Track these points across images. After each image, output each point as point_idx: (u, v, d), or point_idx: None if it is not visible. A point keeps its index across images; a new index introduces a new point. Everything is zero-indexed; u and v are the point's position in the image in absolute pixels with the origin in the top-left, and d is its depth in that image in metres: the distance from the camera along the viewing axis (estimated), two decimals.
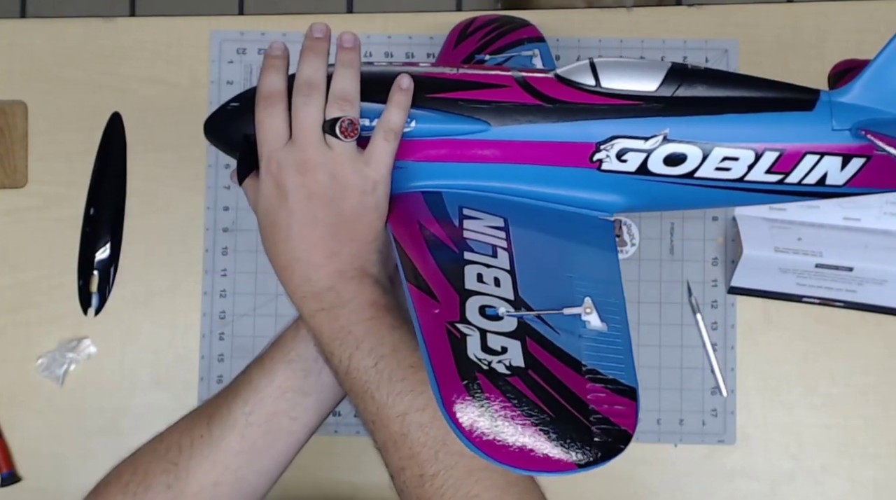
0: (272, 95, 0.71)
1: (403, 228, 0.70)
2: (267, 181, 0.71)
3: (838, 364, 0.98)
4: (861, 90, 0.71)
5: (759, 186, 0.73)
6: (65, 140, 1.01)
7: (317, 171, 0.70)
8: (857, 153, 0.72)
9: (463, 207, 0.71)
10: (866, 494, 0.97)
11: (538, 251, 0.70)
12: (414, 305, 0.65)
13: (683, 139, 0.71)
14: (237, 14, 1.73)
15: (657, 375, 0.98)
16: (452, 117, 0.72)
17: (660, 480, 0.98)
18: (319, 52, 0.72)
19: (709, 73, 0.73)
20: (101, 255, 1.00)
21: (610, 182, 0.73)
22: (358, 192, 0.70)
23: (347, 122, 0.69)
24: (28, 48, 1.02)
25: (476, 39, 0.92)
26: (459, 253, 0.67)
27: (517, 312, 0.64)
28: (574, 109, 0.72)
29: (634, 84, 0.72)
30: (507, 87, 0.73)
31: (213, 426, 0.76)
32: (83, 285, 1.00)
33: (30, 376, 0.99)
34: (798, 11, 1.03)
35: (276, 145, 0.70)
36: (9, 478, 0.97)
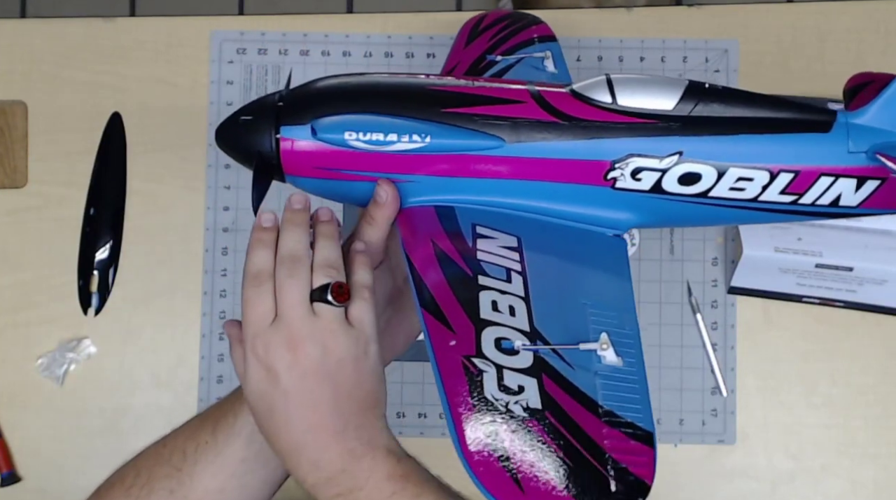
0: (261, 274, 0.68)
1: (416, 246, 0.69)
2: (254, 366, 0.67)
3: (838, 364, 0.98)
4: (878, 112, 0.71)
5: (773, 206, 0.73)
6: (65, 140, 1.01)
7: (307, 345, 0.66)
8: (872, 176, 0.71)
9: (476, 224, 0.70)
10: (866, 494, 0.97)
11: (552, 275, 0.69)
12: (429, 334, 0.64)
13: (699, 159, 0.71)
14: (237, 14, 1.73)
15: (657, 375, 0.98)
16: (467, 133, 0.71)
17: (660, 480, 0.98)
18: (299, 224, 0.69)
19: (726, 91, 0.73)
20: (101, 255, 1.00)
21: (624, 200, 0.73)
22: (352, 359, 0.67)
23: (338, 285, 0.67)
24: (28, 48, 1.02)
25: (487, 38, 0.91)
26: (474, 277, 0.66)
27: (533, 345, 0.64)
28: (589, 126, 0.71)
29: (651, 102, 0.71)
30: (522, 102, 0.72)
31: (219, 432, 0.74)
32: (83, 285, 1.00)
33: (30, 376, 0.99)
34: (798, 11, 1.03)
35: (261, 326, 0.67)
36: (9, 478, 0.97)
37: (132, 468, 0.77)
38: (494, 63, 0.87)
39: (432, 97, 0.72)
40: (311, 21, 1.03)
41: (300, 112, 0.71)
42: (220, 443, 0.74)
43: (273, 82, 1.02)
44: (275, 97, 0.72)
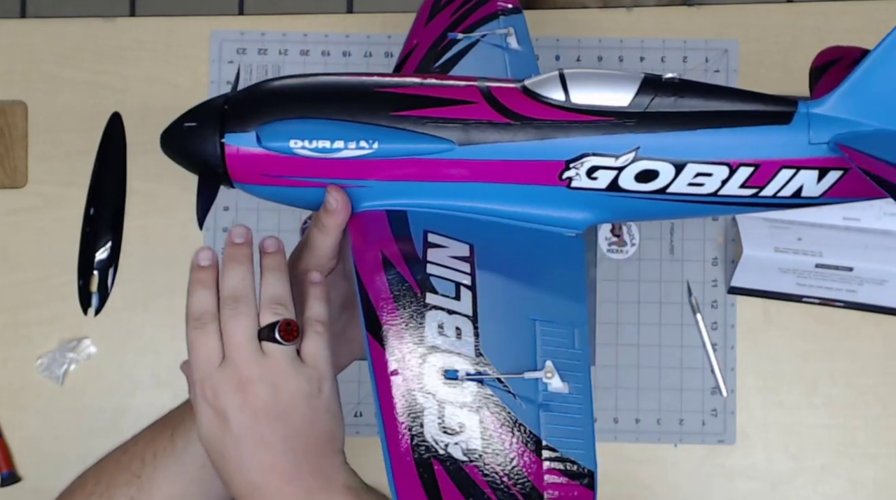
0: (203, 315, 0.66)
1: (365, 259, 0.67)
2: (204, 410, 0.66)
3: (838, 364, 0.98)
4: (839, 101, 0.69)
5: (733, 199, 0.71)
6: (65, 140, 1.01)
7: (256, 385, 0.64)
8: (835, 166, 0.70)
9: (428, 231, 0.69)
10: (866, 494, 0.97)
11: (503, 288, 0.67)
12: (373, 361, 0.62)
13: (655, 156, 0.69)
14: (237, 14, 1.73)
15: (657, 375, 0.98)
16: (416, 137, 0.69)
17: (660, 480, 0.98)
18: (241, 260, 0.68)
19: (683, 85, 0.71)
20: (101, 255, 1.00)
21: (580, 199, 0.71)
22: (304, 397, 0.66)
23: (286, 323, 0.65)
24: (28, 48, 1.02)
25: (448, 13, 0.88)
26: (422, 295, 0.64)
27: (477, 374, 0.62)
28: (542, 125, 0.69)
29: (605, 98, 0.69)
30: (472, 103, 0.70)
31: (177, 438, 0.73)
32: (83, 285, 1.00)
33: (30, 376, 0.99)
34: (798, 11, 1.03)
35: (209, 369, 0.65)
36: (9, 478, 0.97)
37: (93, 475, 0.76)
38: (455, 42, 0.85)
39: (380, 100, 0.70)
40: (311, 21, 1.03)
41: (245, 117, 0.69)
42: (178, 449, 0.73)
43: None
44: (220, 101, 0.71)
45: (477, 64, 0.83)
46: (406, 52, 0.86)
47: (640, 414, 0.98)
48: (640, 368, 0.98)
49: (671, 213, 0.74)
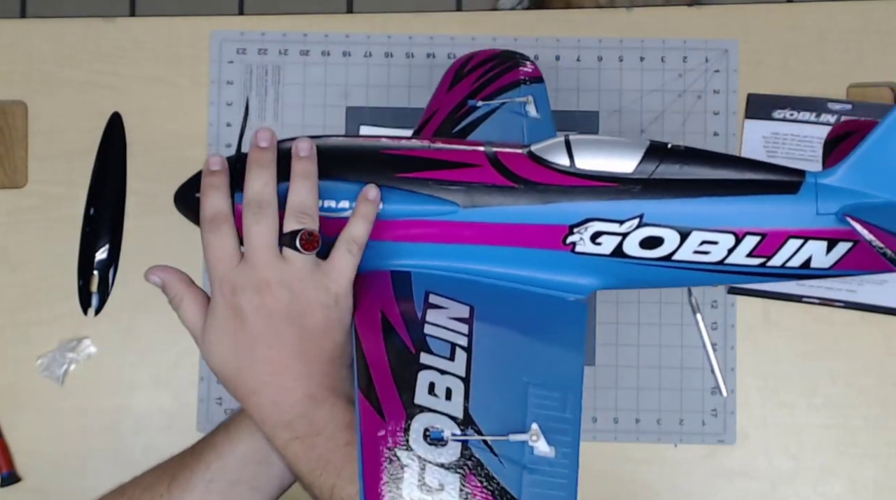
0: (216, 217, 0.68)
1: (365, 317, 0.68)
2: (221, 305, 0.67)
3: (838, 364, 0.98)
4: (848, 172, 0.69)
5: (740, 268, 0.71)
6: (65, 140, 1.01)
7: (275, 288, 0.66)
8: (844, 238, 0.69)
9: (430, 291, 0.69)
10: (866, 494, 0.97)
11: (499, 349, 0.67)
12: (361, 419, 0.62)
13: (660, 222, 0.69)
14: (237, 14, 1.73)
15: (657, 375, 0.98)
16: (422, 198, 0.70)
17: (660, 480, 0.98)
18: (266, 164, 0.68)
19: (689, 152, 0.71)
20: (101, 255, 1.00)
21: (584, 264, 0.71)
22: (320, 306, 0.67)
23: (308, 234, 0.66)
24: (28, 48, 1.02)
25: (471, 81, 0.89)
26: (416, 354, 0.64)
27: (462, 434, 0.62)
28: (546, 190, 0.69)
29: (610, 165, 0.70)
30: (478, 166, 0.71)
31: (174, 487, 0.74)
32: (83, 285, 1.00)
33: (30, 376, 0.99)
34: (798, 11, 1.03)
35: (227, 267, 0.67)
36: (9, 478, 0.97)
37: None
38: (475, 109, 0.85)
39: (386, 161, 0.71)
40: (311, 21, 1.03)
41: None
42: (174, 497, 0.73)
43: (273, 82, 1.02)
44: (232, 160, 0.71)
45: (495, 132, 0.84)
46: (426, 117, 0.87)
47: (640, 414, 0.98)
48: (640, 368, 0.98)
49: (677, 280, 0.73)
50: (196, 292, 0.72)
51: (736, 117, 1.01)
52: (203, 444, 0.76)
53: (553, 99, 0.99)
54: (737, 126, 1.00)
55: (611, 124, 1.01)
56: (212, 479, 0.73)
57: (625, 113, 1.01)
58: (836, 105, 0.99)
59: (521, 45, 1.01)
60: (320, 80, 1.02)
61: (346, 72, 1.02)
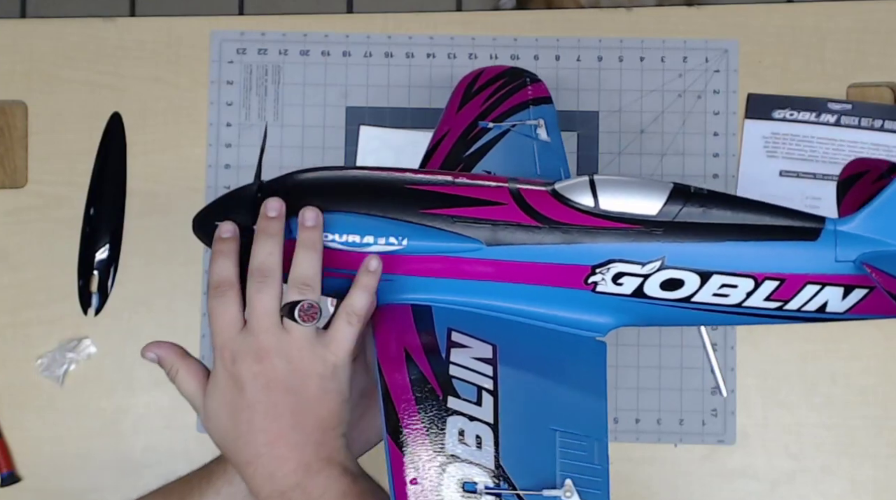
0: (222, 283, 0.68)
1: (388, 351, 0.68)
2: (220, 373, 0.68)
3: (838, 364, 0.98)
4: (867, 220, 0.70)
5: (758, 311, 0.72)
6: (65, 140, 1.01)
7: (273, 357, 0.67)
8: (860, 284, 0.70)
9: (452, 329, 0.69)
10: (866, 494, 0.97)
11: (525, 394, 0.68)
12: (391, 466, 0.62)
13: (681, 265, 0.70)
14: (237, 14, 1.73)
15: (657, 375, 0.98)
16: (445, 235, 0.70)
17: (660, 480, 0.98)
18: (273, 234, 0.69)
19: (711, 195, 0.72)
20: (101, 255, 1.00)
21: (605, 304, 0.72)
22: (318, 377, 0.67)
23: (308, 305, 0.66)
24: (28, 48, 1.02)
25: (480, 101, 0.89)
26: (443, 399, 0.65)
27: (497, 487, 0.62)
28: (570, 230, 0.70)
29: (634, 206, 0.70)
30: (502, 204, 0.71)
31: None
32: (83, 285, 1.00)
33: (30, 376, 0.99)
34: (798, 11, 1.03)
35: (229, 334, 0.68)
36: (9, 478, 0.97)
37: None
38: (485, 131, 0.86)
39: (411, 197, 0.71)
40: (311, 21, 1.03)
41: None
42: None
43: (273, 82, 1.02)
44: (253, 190, 0.71)
45: (506, 155, 0.85)
46: (437, 138, 0.87)
47: (640, 414, 0.98)
48: (640, 368, 0.98)
49: (695, 321, 0.74)
50: (191, 362, 0.72)
51: (736, 117, 1.01)
52: (213, 467, 0.76)
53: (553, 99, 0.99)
54: (737, 126, 1.00)
55: (611, 124, 1.01)
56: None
57: (625, 113, 1.01)
58: (836, 105, 0.99)
59: (520, 45, 1.01)
60: (320, 80, 1.02)
61: (346, 72, 1.02)
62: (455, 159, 0.84)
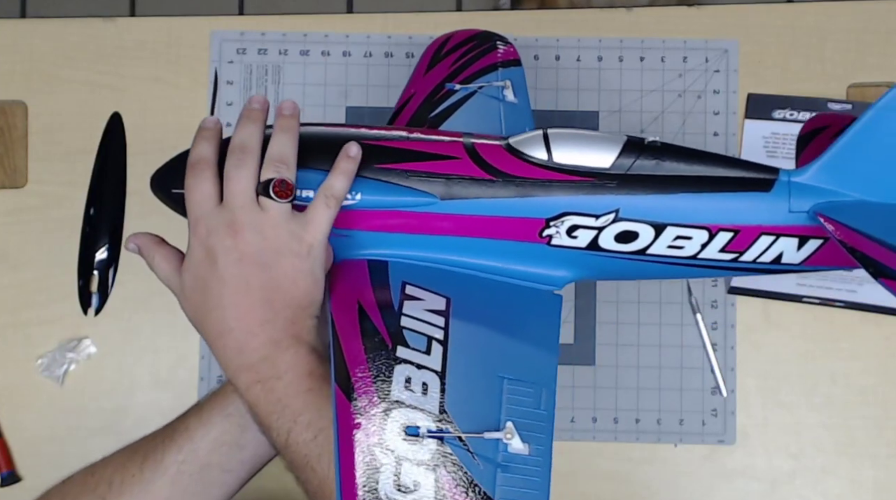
0: (200, 161, 0.69)
1: (342, 309, 0.68)
2: (195, 247, 0.69)
3: (838, 364, 0.98)
4: (820, 171, 0.70)
5: (713, 263, 0.72)
6: (65, 140, 1.01)
7: (247, 231, 0.67)
8: (815, 235, 0.71)
9: (406, 282, 0.70)
10: (866, 494, 0.97)
11: (475, 343, 0.68)
12: (337, 412, 0.63)
13: (635, 218, 0.70)
14: (237, 14, 1.73)
15: (657, 375, 0.98)
16: (399, 189, 0.70)
17: (660, 480, 0.98)
18: (254, 120, 0.70)
19: (666, 148, 0.72)
20: (101, 255, 1.00)
21: (559, 257, 0.72)
22: (291, 255, 0.68)
23: (281, 182, 0.67)
24: (28, 48, 1.02)
25: (448, 64, 0.89)
26: (392, 348, 0.65)
27: (438, 431, 0.63)
28: (523, 183, 0.70)
29: (588, 159, 0.70)
30: (456, 158, 0.71)
31: (146, 467, 0.74)
32: (83, 285, 1.00)
33: (30, 376, 0.99)
34: (798, 11, 1.03)
35: (204, 209, 0.68)
36: (9, 478, 0.97)
37: (57, 494, 0.76)
38: (452, 93, 0.86)
39: (365, 151, 0.71)
40: (311, 21, 1.03)
41: None
42: (146, 479, 0.74)
43: (273, 82, 1.02)
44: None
45: (472, 116, 0.84)
46: (403, 100, 0.87)
47: (640, 414, 0.98)
48: (640, 368, 0.98)
49: (651, 273, 0.74)
50: (167, 247, 0.73)
51: (736, 117, 1.01)
52: (176, 425, 0.76)
53: (553, 99, 0.99)
54: (737, 126, 1.00)
55: (611, 124, 1.01)
56: (184, 461, 0.74)
57: (625, 113, 1.01)
58: (836, 105, 0.99)
59: (520, 45, 1.00)
60: (320, 80, 1.02)
61: (346, 72, 1.02)
62: (420, 121, 0.84)
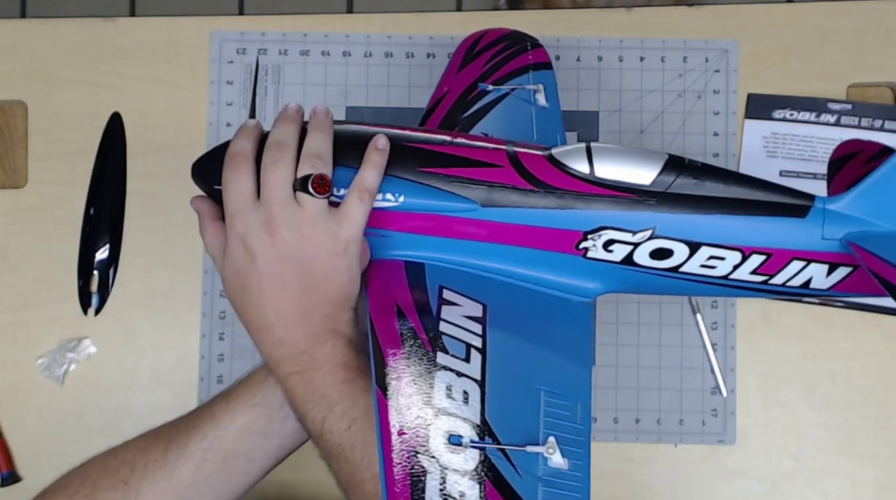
0: (238, 154, 0.70)
1: (380, 304, 0.68)
2: (234, 242, 0.70)
3: (838, 364, 0.98)
4: (855, 200, 0.71)
5: (744, 284, 0.73)
6: (65, 140, 1.01)
7: (284, 229, 0.68)
8: (845, 262, 0.71)
9: (443, 286, 0.70)
10: (866, 494, 0.97)
11: (512, 352, 0.68)
12: (379, 415, 0.63)
13: (672, 235, 0.71)
14: (237, 14, 1.73)
15: (657, 375, 0.98)
16: (442, 194, 0.71)
17: (660, 480, 0.98)
18: (292, 120, 0.71)
19: (705, 168, 0.72)
20: (101, 255, 1.00)
21: (594, 269, 0.73)
22: (328, 252, 0.69)
23: (320, 178, 0.68)
24: (28, 48, 1.02)
25: (481, 63, 0.90)
26: (433, 354, 0.65)
27: (481, 441, 0.63)
28: (564, 195, 0.71)
29: (629, 175, 0.71)
30: (499, 166, 0.72)
31: (170, 452, 0.74)
32: (83, 285, 1.00)
33: (30, 376, 0.99)
34: (798, 11, 1.03)
35: (242, 205, 0.69)
36: (9, 478, 0.97)
37: (78, 475, 0.76)
38: (484, 93, 0.86)
39: (410, 154, 0.72)
40: (311, 21, 1.03)
41: None
42: (169, 463, 0.74)
43: (273, 82, 1.02)
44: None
45: (504, 117, 0.85)
46: (437, 98, 0.88)
47: (640, 414, 0.98)
48: (640, 368, 0.98)
49: (681, 290, 0.75)
50: (220, 225, 0.73)
51: (736, 117, 1.01)
52: (201, 412, 0.76)
53: None
54: (737, 126, 1.00)
55: (611, 124, 1.01)
56: (208, 448, 0.74)
57: (625, 113, 1.01)
58: (836, 105, 0.99)
59: None
60: (320, 80, 1.02)
61: (346, 72, 1.02)
62: (453, 120, 0.85)
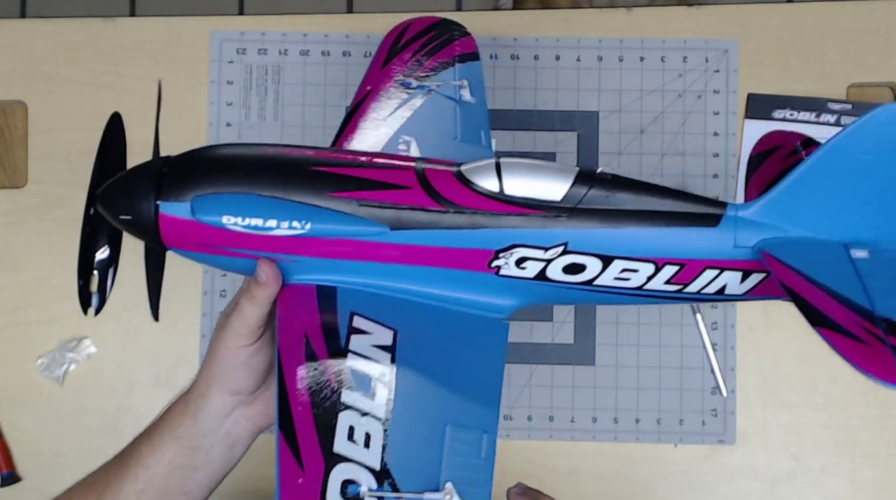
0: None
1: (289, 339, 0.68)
2: None
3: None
4: (766, 207, 0.70)
5: (658, 293, 0.73)
6: (65, 140, 1.01)
7: None
8: (757, 269, 0.72)
9: (354, 313, 0.70)
10: (866, 494, 0.97)
11: (420, 386, 0.68)
12: (280, 465, 0.63)
13: (584, 250, 0.71)
14: (237, 14, 1.73)
15: (657, 375, 0.98)
16: (349, 219, 0.70)
17: (660, 480, 0.98)
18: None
19: (616, 180, 0.72)
20: (101, 255, 1.00)
21: (507, 286, 0.72)
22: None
23: None
24: (28, 48, 1.02)
25: (405, 59, 0.89)
26: (337, 391, 0.65)
27: (379, 489, 0.63)
28: (474, 214, 0.71)
29: (539, 191, 0.71)
30: (407, 188, 0.71)
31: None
32: (83, 285, 1.00)
33: (30, 376, 0.99)
34: (798, 11, 1.03)
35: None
36: (9, 478, 0.97)
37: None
38: (408, 91, 0.86)
39: (317, 179, 0.71)
40: (311, 21, 1.03)
41: (182, 185, 0.70)
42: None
43: (273, 82, 1.02)
44: (159, 164, 0.72)
45: (428, 117, 0.85)
46: (360, 97, 0.87)
47: (640, 414, 0.98)
48: (640, 368, 0.98)
49: (597, 301, 0.76)
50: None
51: (736, 117, 1.01)
52: (127, 456, 0.76)
53: (553, 99, 0.99)
54: (737, 126, 1.00)
55: (611, 124, 1.01)
56: (142, 490, 0.74)
57: (625, 113, 1.01)
58: (836, 105, 0.99)
59: (520, 45, 1.01)
60: (320, 80, 1.02)
61: (346, 72, 1.02)
62: (376, 121, 0.84)
